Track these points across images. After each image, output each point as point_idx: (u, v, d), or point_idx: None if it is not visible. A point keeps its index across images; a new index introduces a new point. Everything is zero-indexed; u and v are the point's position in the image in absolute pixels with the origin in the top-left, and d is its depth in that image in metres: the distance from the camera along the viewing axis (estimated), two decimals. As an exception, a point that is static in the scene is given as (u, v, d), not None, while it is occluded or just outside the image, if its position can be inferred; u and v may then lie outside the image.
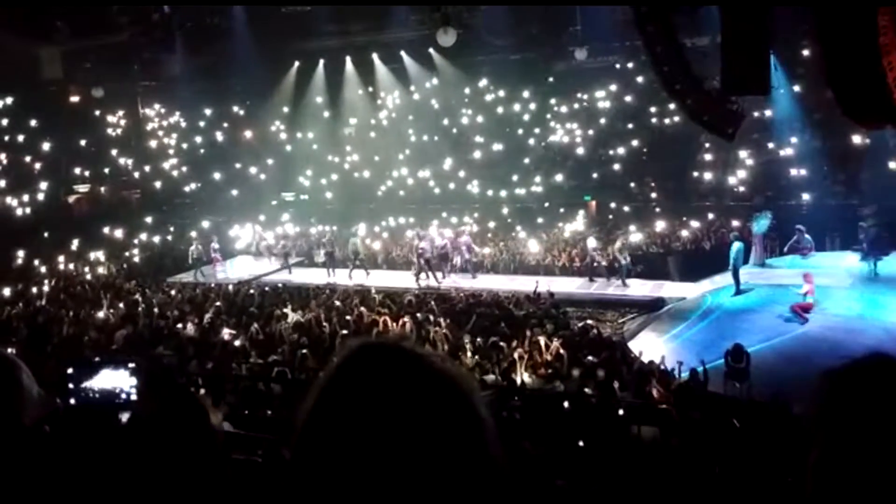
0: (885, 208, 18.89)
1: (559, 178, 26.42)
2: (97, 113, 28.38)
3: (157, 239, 25.86)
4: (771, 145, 23.91)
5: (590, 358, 11.76)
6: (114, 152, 28.92)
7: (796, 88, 22.44)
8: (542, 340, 12.46)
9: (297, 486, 0.99)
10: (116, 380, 4.50)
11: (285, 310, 15.72)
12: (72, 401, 3.98)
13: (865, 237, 17.85)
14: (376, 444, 0.94)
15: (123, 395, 4.14)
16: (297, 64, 29.19)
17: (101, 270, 22.15)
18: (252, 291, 18.76)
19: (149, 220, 26.73)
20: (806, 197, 22.19)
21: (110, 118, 28.97)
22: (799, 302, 15.06)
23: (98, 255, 23.25)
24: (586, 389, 10.62)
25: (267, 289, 19.21)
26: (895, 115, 10.88)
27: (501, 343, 12.70)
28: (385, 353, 1.03)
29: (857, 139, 21.58)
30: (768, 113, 23.04)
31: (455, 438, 0.97)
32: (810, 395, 1.16)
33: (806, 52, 21.50)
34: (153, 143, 30.00)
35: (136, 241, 25.13)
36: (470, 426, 0.99)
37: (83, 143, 28.03)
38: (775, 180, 23.46)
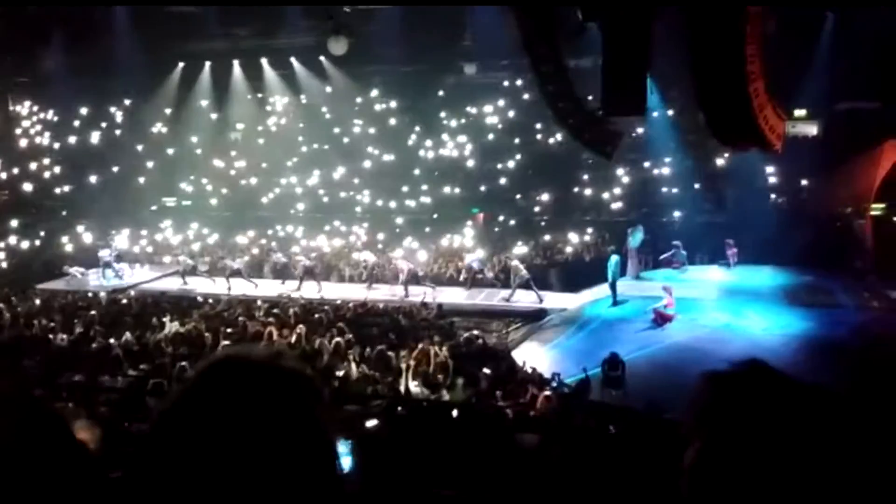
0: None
1: (448, 190, 26.75)
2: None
3: (25, 244, 24.29)
4: (646, 164, 25.11)
5: (485, 371, 11.93)
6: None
7: (670, 112, 23.69)
8: (430, 350, 12.56)
9: (139, 487, 1.03)
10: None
11: (164, 319, 15.15)
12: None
13: None
14: (217, 452, 1.00)
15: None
16: (181, 65, 28.18)
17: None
18: (126, 301, 17.99)
19: (16, 223, 25.07)
20: (677, 214, 23.45)
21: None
22: (660, 310, 16.05)
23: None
24: (472, 399, 10.79)
25: (147, 298, 18.46)
26: (760, 138, 11.68)
27: (389, 352, 12.72)
28: (235, 366, 1.09)
29: (725, 160, 23.04)
30: (643, 132, 24.20)
31: (291, 449, 1.03)
32: (688, 398, 1.21)
33: (680, 78, 22.74)
34: (24, 143, 28.19)
35: (1, 246, 23.55)
36: (308, 438, 1.06)
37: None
38: (650, 197, 24.67)
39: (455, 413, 10.21)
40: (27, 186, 27.36)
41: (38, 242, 24.75)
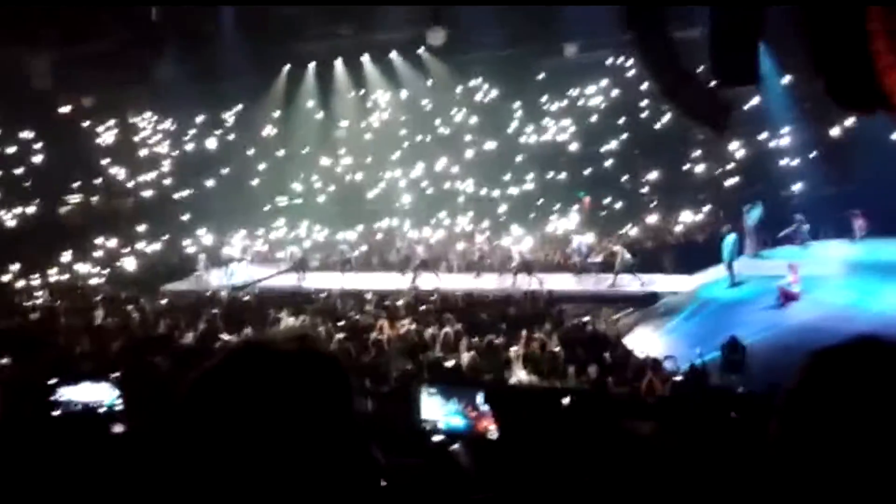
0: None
1: (552, 175, 26.41)
2: (87, 122, 28.23)
3: (150, 248, 25.73)
4: (762, 136, 23.92)
5: (593, 367, 11.71)
6: (105, 161, 28.77)
7: (786, 79, 22.45)
8: (539, 339, 12.44)
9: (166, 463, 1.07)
10: (98, 392, 4.48)
11: (280, 314, 15.69)
12: (56, 412, 3.96)
13: None
14: (235, 435, 1.01)
15: (104, 407, 4.13)
16: (287, 67, 29.06)
17: (93, 281, 22.14)
18: (247, 297, 18.75)
19: (142, 228, 26.59)
20: (798, 187, 22.22)
21: (100, 128, 28.83)
22: (785, 287, 15.29)
23: (90, 266, 23.22)
24: (584, 387, 10.60)
25: (265, 295, 19.22)
26: (885, 101, 10.87)
27: (498, 342, 12.68)
28: (256, 352, 1.10)
29: (847, 128, 21.62)
30: (759, 104, 23.04)
31: (311, 436, 1.03)
32: (793, 372, 1.17)
33: (795, 42, 21.52)
34: (144, 152, 29.85)
35: (128, 251, 25.03)
36: (331, 423, 1.05)
37: (74, 153, 27.87)
38: (767, 171, 23.47)
39: (567, 401, 10.07)
40: (149, 193, 28.92)
41: (162, 246, 26.13)
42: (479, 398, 5.93)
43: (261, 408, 1.01)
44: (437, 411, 5.82)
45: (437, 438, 5.57)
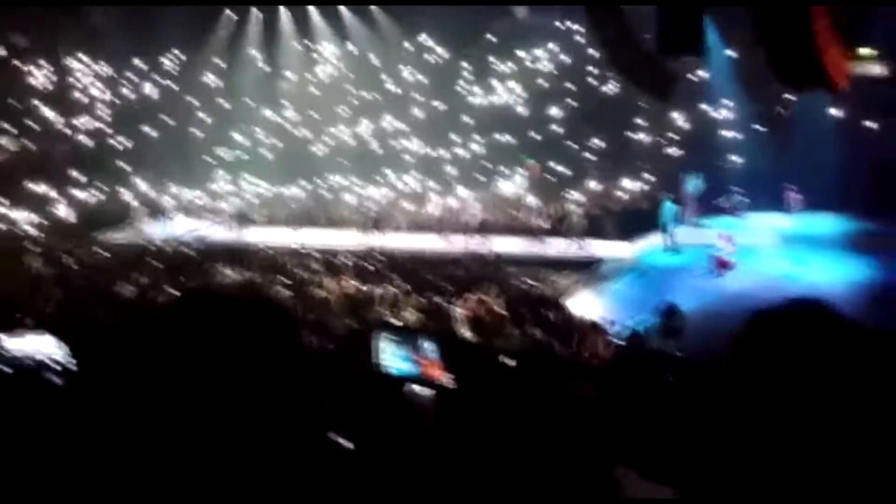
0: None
1: (499, 137, 26.43)
2: (20, 64, 26.94)
3: (86, 196, 24.91)
4: (705, 107, 24.34)
5: (538, 329, 11.95)
6: (39, 105, 27.54)
7: (731, 52, 22.82)
8: (485, 301, 12.60)
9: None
10: (42, 345, 4.42)
11: (223, 269, 15.52)
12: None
13: None
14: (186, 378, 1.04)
15: (49, 361, 4.07)
16: (231, 14, 28.12)
17: (28, 228, 21.44)
18: (186, 251, 18.46)
19: (77, 176, 25.67)
20: (738, 159, 22.75)
21: (34, 70, 27.54)
22: (720, 257, 15.79)
23: (23, 213, 22.42)
24: (527, 348, 10.82)
25: (206, 249, 18.93)
26: (824, 78, 11.21)
27: (444, 303, 12.81)
28: (205, 298, 1.14)
29: (788, 102, 22.18)
30: (703, 75, 23.41)
31: (258, 381, 1.06)
32: (736, 334, 1.22)
33: (740, 15, 21.84)
34: (81, 97, 28.66)
35: (64, 199, 24.21)
36: (278, 368, 1.09)
37: (5, 96, 26.61)
38: (709, 142, 23.96)
39: (509, 361, 10.28)
40: (86, 139, 27.83)
41: (98, 195, 25.32)
42: (426, 344, 6.03)
43: (209, 352, 1.02)
44: (386, 357, 5.91)
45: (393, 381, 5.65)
